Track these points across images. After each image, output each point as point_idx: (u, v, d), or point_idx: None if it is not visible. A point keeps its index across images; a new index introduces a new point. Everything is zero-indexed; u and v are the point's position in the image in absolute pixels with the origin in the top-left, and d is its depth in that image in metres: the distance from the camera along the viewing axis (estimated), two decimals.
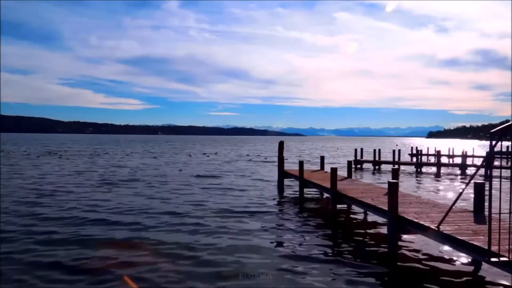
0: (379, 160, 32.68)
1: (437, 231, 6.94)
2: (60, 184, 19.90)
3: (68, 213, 12.60)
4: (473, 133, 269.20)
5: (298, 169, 16.53)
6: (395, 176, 11.85)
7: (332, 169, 12.50)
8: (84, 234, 10.07)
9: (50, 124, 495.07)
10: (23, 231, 10.28)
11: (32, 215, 12.25)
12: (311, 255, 8.49)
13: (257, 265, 7.77)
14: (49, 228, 10.59)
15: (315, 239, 9.83)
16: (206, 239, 9.69)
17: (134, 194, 17.05)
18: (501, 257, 5.07)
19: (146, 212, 12.93)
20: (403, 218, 8.13)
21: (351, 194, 11.60)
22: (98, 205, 14.12)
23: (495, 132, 4.99)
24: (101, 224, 11.19)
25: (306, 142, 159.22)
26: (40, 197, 15.76)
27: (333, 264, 7.91)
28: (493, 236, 5.19)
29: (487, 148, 7.46)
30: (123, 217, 12.21)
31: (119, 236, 9.94)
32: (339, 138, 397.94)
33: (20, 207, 13.58)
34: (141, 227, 10.85)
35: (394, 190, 8.24)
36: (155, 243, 9.28)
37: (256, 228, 10.87)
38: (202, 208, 13.86)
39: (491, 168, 11.25)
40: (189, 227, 10.92)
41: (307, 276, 7.26)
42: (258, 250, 8.79)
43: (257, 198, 16.14)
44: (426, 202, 10.13)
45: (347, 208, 13.50)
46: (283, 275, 7.30)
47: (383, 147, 69.78)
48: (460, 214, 8.35)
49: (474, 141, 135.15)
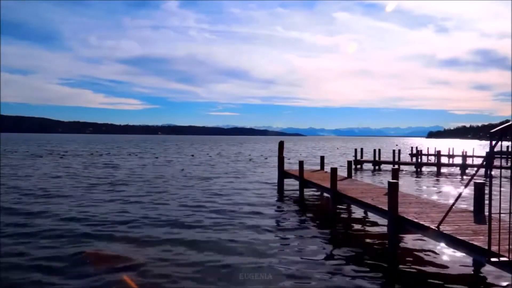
0: (379, 160, 32.69)
1: (437, 231, 6.94)
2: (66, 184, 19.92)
3: (70, 212, 12.63)
4: (473, 133, 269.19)
5: (298, 169, 16.54)
6: (395, 176, 11.85)
7: (332, 169, 12.50)
8: (84, 233, 10.11)
9: (50, 124, 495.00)
10: (22, 232, 10.30)
11: (33, 214, 12.28)
12: (311, 255, 8.49)
13: (257, 265, 7.76)
14: (49, 227, 10.62)
15: (315, 239, 9.83)
16: (205, 239, 9.68)
17: (138, 195, 17.06)
18: (501, 257, 5.07)
19: (155, 209, 12.96)
20: (403, 218, 8.13)
21: (351, 194, 11.60)
22: (98, 205, 14.14)
23: (495, 132, 4.99)
24: (102, 224, 11.22)
25: (306, 142, 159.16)
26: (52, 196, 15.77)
27: (333, 264, 7.91)
28: (493, 236, 5.18)
29: (487, 148, 7.50)
30: (123, 217, 12.22)
31: (118, 236, 9.96)
32: (339, 138, 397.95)
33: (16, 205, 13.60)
34: (144, 226, 10.87)
35: (394, 190, 8.24)
36: (155, 243, 9.29)
37: (256, 228, 10.86)
38: (201, 207, 13.86)
39: (491, 168, 11.24)
40: (188, 227, 10.92)
41: (307, 276, 7.25)
42: (258, 250, 8.79)
43: (257, 198, 16.13)
44: (426, 202, 10.13)
45: (347, 208, 13.51)
46: (283, 275, 7.30)
47: (383, 147, 69.78)
48: (460, 214, 8.35)
49: (474, 141, 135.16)
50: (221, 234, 10.21)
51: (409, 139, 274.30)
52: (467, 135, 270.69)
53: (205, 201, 15.22)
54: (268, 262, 8.00)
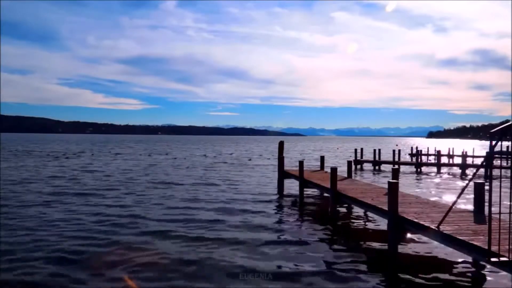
0: (379, 160, 32.69)
1: (437, 231, 6.94)
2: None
3: (73, 211, 12.63)
4: (473, 133, 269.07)
5: (298, 169, 16.54)
6: (395, 176, 11.85)
7: (332, 169, 12.50)
8: (85, 232, 10.11)
9: (50, 124, 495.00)
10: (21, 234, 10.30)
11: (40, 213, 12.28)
12: (311, 255, 8.49)
13: (257, 265, 7.76)
14: (49, 226, 10.62)
15: (315, 239, 9.82)
16: (205, 239, 9.67)
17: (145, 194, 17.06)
18: (501, 257, 5.07)
19: (161, 206, 12.96)
20: (403, 218, 8.13)
21: (351, 194, 11.60)
22: (99, 205, 14.15)
23: (495, 132, 4.99)
24: (102, 225, 11.22)
25: (306, 142, 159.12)
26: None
27: (333, 264, 7.91)
28: (493, 236, 5.18)
29: (487, 148, 7.44)
30: (123, 218, 12.23)
31: (118, 237, 9.97)
32: (339, 138, 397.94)
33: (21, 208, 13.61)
34: (145, 226, 10.87)
35: (394, 190, 8.24)
36: (155, 243, 9.29)
37: (256, 228, 10.87)
38: (201, 207, 13.86)
39: (491, 168, 11.24)
40: (188, 226, 10.92)
41: (307, 276, 7.25)
42: (258, 250, 8.79)
43: (257, 198, 16.13)
44: (426, 202, 10.13)
45: (347, 208, 13.50)
46: (282, 274, 7.30)
47: (383, 147, 69.76)
48: (460, 214, 8.35)
49: (474, 141, 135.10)
50: (221, 233, 10.20)
51: (409, 139, 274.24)
52: (467, 135, 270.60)
53: (203, 200, 15.22)
54: (268, 262, 8.00)
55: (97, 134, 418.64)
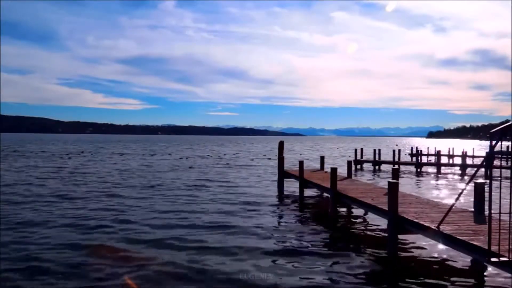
0: (379, 160, 32.71)
1: (437, 231, 6.95)
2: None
3: (78, 213, 12.63)
4: (473, 133, 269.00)
5: (298, 169, 16.54)
6: (395, 176, 11.85)
7: (332, 169, 12.50)
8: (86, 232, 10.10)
9: (50, 124, 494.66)
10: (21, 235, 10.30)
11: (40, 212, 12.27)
12: (311, 255, 8.49)
13: (257, 265, 7.77)
14: (50, 224, 10.62)
15: (315, 239, 9.83)
16: (204, 239, 9.68)
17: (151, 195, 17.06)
18: (501, 257, 5.07)
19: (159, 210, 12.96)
20: (403, 218, 8.13)
21: (351, 194, 11.60)
22: (103, 209, 14.14)
23: (495, 132, 4.99)
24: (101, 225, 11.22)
25: (306, 142, 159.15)
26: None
27: (333, 264, 7.92)
28: (493, 236, 5.19)
29: (487, 148, 7.47)
30: (122, 219, 12.22)
31: (117, 237, 9.97)
32: (339, 138, 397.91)
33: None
34: (147, 226, 10.86)
35: (394, 190, 8.25)
36: (155, 243, 9.29)
37: (255, 228, 10.86)
38: (201, 207, 13.86)
39: (491, 168, 11.24)
40: (187, 225, 10.92)
41: (307, 276, 7.25)
42: (257, 250, 8.79)
43: (257, 198, 16.12)
44: (426, 202, 10.14)
45: (347, 208, 13.50)
46: (282, 274, 7.30)
47: (383, 147, 69.76)
48: (460, 214, 8.35)
49: (474, 141, 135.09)
50: (221, 234, 10.21)
51: (409, 139, 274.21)
52: (467, 135, 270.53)
53: (202, 200, 15.22)
54: (267, 261, 8.01)
55: (97, 134, 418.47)
